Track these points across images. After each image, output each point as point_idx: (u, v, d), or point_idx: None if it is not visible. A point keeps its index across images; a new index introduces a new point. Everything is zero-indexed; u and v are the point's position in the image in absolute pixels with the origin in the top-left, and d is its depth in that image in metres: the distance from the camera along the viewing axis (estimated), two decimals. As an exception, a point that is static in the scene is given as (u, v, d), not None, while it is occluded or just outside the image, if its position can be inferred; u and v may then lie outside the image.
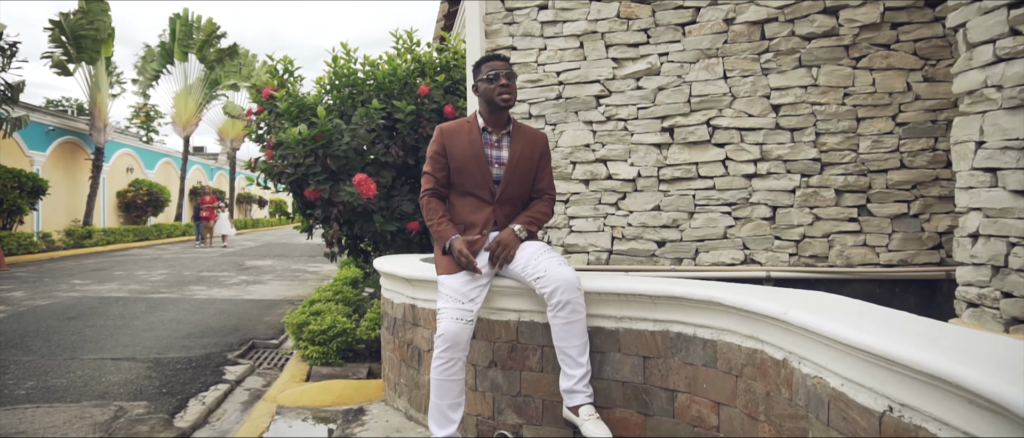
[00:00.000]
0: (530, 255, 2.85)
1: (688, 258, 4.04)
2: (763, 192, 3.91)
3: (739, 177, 3.95)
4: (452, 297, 2.78)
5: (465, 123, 3.06)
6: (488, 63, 2.98)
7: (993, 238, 2.38)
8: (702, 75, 4.00)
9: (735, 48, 3.94)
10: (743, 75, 3.93)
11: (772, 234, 3.91)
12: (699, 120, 4.00)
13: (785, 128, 3.88)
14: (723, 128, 3.97)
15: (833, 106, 3.80)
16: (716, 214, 3.99)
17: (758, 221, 3.93)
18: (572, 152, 4.22)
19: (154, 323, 6.93)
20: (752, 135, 3.92)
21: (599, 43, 4.18)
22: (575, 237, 4.23)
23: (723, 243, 3.98)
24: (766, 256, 3.91)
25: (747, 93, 3.92)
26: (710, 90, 3.99)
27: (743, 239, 3.95)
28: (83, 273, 12.11)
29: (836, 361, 1.80)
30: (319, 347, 4.94)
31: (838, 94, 3.79)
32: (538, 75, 4.30)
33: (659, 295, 2.67)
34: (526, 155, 3.02)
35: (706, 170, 4.00)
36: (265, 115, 5.36)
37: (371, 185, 4.65)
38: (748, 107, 3.93)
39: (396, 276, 3.65)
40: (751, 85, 3.91)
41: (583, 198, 4.21)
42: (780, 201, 3.89)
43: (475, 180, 2.96)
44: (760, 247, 3.92)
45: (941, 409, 1.39)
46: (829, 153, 3.81)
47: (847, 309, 2.01)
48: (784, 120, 3.88)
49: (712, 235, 3.99)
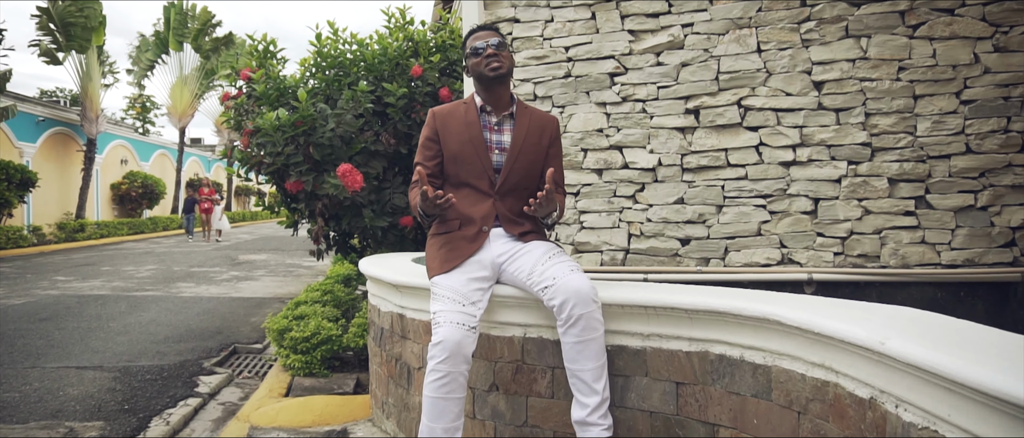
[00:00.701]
0: (537, 259, 2.37)
1: (716, 258, 3.54)
2: (803, 182, 3.41)
3: (775, 165, 3.44)
4: (450, 298, 2.31)
5: (461, 105, 2.60)
6: (473, 36, 2.57)
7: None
8: (732, 48, 3.49)
9: (771, 16, 3.43)
10: (780, 47, 3.42)
11: (814, 230, 3.40)
12: (729, 100, 3.50)
13: (829, 108, 3.37)
14: (757, 109, 3.46)
15: (886, 82, 3.29)
16: (749, 207, 3.49)
17: (797, 215, 3.42)
18: (583, 138, 3.72)
19: (131, 325, 6.46)
20: (790, 117, 3.42)
21: (614, 13, 3.67)
22: (587, 234, 3.73)
23: (757, 241, 3.48)
24: (807, 256, 3.41)
25: (785, 68, 3.41)
26: (742, 65, 3.48)
27: (780, 236, 3.45)
28: (69, 268, 11.65)
29: (968, 415, 1.30)
30: (302, 356, 4.46)
31: (892, 68, 3.28)
32: (544, 51, 3.79)
33: (697, 309, 2.18)
34: (532, 140, 2.55)
35: (737, 157, 3.50)
36: (243, 99, 4.87)
37: (357, 176, 4.15)
38: (786, 84, 3.42)
39: (382, 281, 3.17)
40: (789, 59, 3.40)
41: (596, 190, 3.71)
42: (823, 192, 3.38)
43: (473, 168, 2.49)
44: (800, 245, 3.42)
45: None
46: (881, 137, 3.30)
47: (975, 338, 1.52)
48: (828, 99, 3.37)
49: (744, 231, 3.49)
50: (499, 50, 2.46)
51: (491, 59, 2.44)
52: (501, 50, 2.47)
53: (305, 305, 5.45)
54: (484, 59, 2.44)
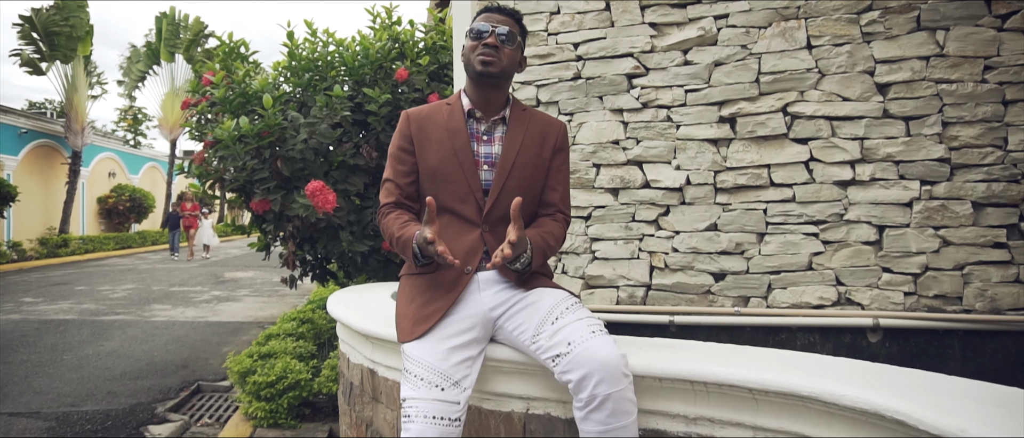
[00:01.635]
0: (545, 314, 1.76)
1: (758, 297, 2.92)
2: (865, 206, 2.80)
3: (830, 185, 2.84)
4: (424, 379, 1.70)
5: (443, 106, 1.99)
6: (482, 15, 1.94)
7: None
8: (776, 44, 2.90)
9: (824, 6, 2.84)
10: (835, 43, 2.83)
11: (879, 265, 2.79)
12: (772, 106, 2.90)
13: (897, 116, 2.77)
14: (806, 117, 2.86)
15: (969, 84, 2.69)
16: (797, 236, 2.88)
17: (858, 246, 2.81)
18: (596, 151, 3.12)
19: (88, 357, 5.82)
20: (848, 126, 2.82)
21: (632, 3, 3.08)
22: (600, 267, 3.12)
23: (807, 276, 2.86)
24: (870, 295, 2.79)
25: (841, 68, 2.82)
26: (788, 65, 2.88)
27: (836, 271, 2.84)
28: (41, 288, 10.99)
29: None
30: (266, 403, 3.83)
31: (976, 67, 2.68)
32: (549, 48, 3.20)
33: (766, 388, 1.58)
34: (530, 150, 1.94)
35: (783, 175, 2.89)
36: (204, 106, 4.27)
37: (330, 196, 3.54)
38: (843, 87, 2.82)
39: (350, 327, 2.55)
40: (847, 57, 2.81)
41: (611, 213, 3.10)
42: (890, 218, 2.78)
43: (456, 188, 1.89)
44: (861, 283, 2.81)
45: None
46: (963, 151, 2.70)
47: None
48: (895, 105, 2.77)
49: (792, 265, 2.88)
50: (504, 44, 1.86)
51: (486, 51, 1.84)
52: (506, 44, 1.86)
53: (276, 339, 4.83)
54: (480, 46, 1.85)
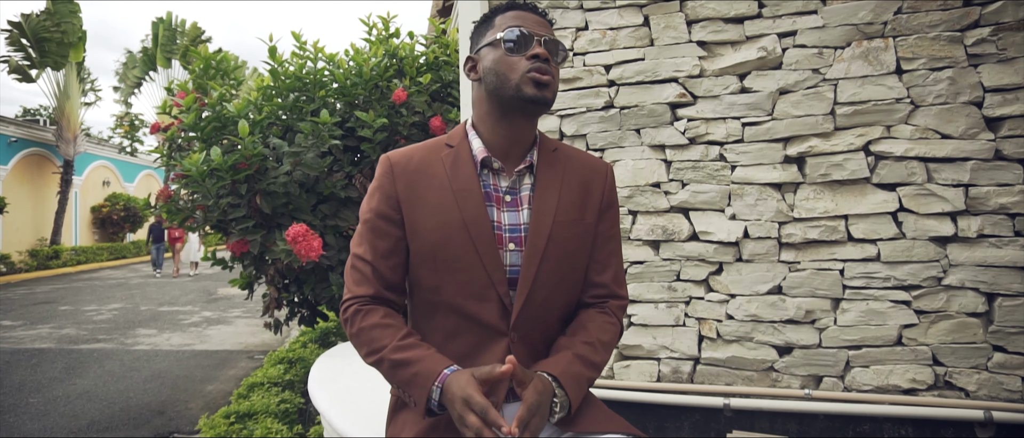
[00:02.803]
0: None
1: (832, 377, 2.38)
2: (970, 268, 2.26)
3: (925, 242, 2.30)
4: None
5: (441, 148, 1.41)
6: (511, 14, 1.35)
7: None
8: (857, 68, 2.36)
9: (918, 20, 2.31)
10: (933, 67, 2.29)
11: (989, 342, 2.25)
12: (851, 144, 2.36)
13: (1012, 158, 2.23)
14: (895, 157, 2.33)
15: (1109, 120, 2.16)
16: (883, 304, 2.34)
17: (961, 318, 2.28)
18: (632, 195, 2.58)
19: (56, 400, 5.29)
20: (949, 169, 2.28)
21: (676, 17, 2.54)
22: (637, 334, 2.58)
23: (896, 353, 2.33)
24: (977, 380, 2.25)
25: (941, 98, 2.28)
26: (871, 93, 2.35)
27: (933, 348, 2.30)
28: (22, 308, 10.45)
29: None
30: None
31: (1118, 99, 2.15)
32: (575, 71, 2.66)
33: None
34: (571, 213, 1.39)
35: (864, 228, 2.36)
36: (174, 131, 3.74)
37: (313, 242, 3.01)
38: (942, 122, 2.29)
39: (329, 422, 2.02)
40: (948, 84, 2.27)
41: (651, 271, 2.57)
42: (1003, 284, 2.24)
43: (467, 279, 1.33)
44: (966, 364, 2.27)
45: None
46: (1100, 203, 2.17)
47: None
48: (1010, 144, 2.23)
49: (876, 339, 2.34)
50: (554, 57, 1.31)
51: (542, 69, 1.28)
52: (556, 58, 1.32)
53: (259, 390, 4.30)
54: (527, 61, 1.28)
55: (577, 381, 1.27)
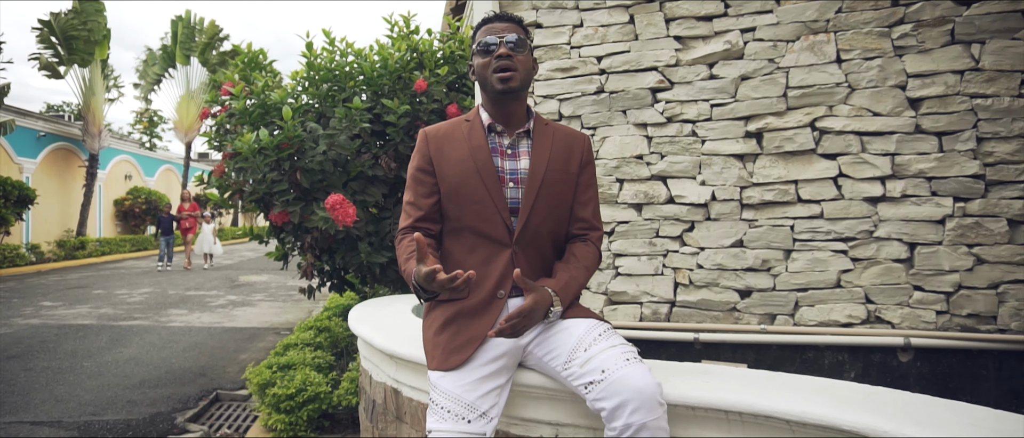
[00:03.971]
0: (577, 341, 1.72)
1: (784, 314, 2.87)
2: (896, 223, 2.75)
3: (859, 201, 2.79)
4: (451, 411, 1.67)
5: (462, 123, 1.93)
6: (485, 26, 1.88)
7: None
8: (805, 58, 2.85)
9: (854, 18, 2.79)
10: (866, 57, 2.77)
11: (910, 283, 2.74)
12: (800, 121, 2.85)
13: (929, 131, 2.71)
14: (835, 132, 2.81)
15: (1005, 99, 2.63)
16: (825, 253, 2.83)
17: (888, 264, 2.76)
18: (619, 166, 3.08)
19: (107, 364, 5.84)
20: (879, 141, 2.76)
21: (657, 16, 3.04)
22: (623, 282, 3.08)
23: (836, 294, 2.81)
24: (900, 314, 2.74)
25: (872, 83, 2.76)
26: (816, 79, 2.83)
27: (865, 289, 2.79)
28: (59, 292, 11.08)
29: None
30: (285, 416, 3.82)
31: (1013, 81, 2.63)
32: (572, 61, 3.16)
33: (805, 421, 1.54)
34: (558, 165, 1.89)
35: (810, 191, 2.84)
36: (223, 117, 4.27)
37: (349, 209, 3.52)
38: (873, 102, 2.77)
39: (373, 346, 2.53)
40: (878, 71, 2.75)
41: (634, 229, 3.06)
42: (922, 236, 2.72)
43: (480, 209, 1.83)
44: (891, 301, 2.75)
45: None
46: (998, 167, 2.64)
47: None
48: (928, 120, 2.71)
49: (820, 282, 2.83)
50: (515, 51, 1.80)
51: (501, 64, 1.79)
52: (518, 51, 1.81)
53: (294, 349, 4.82)
54: (493, 61, 1.79)
55: (569, 293, 1.78)
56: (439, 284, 1.57)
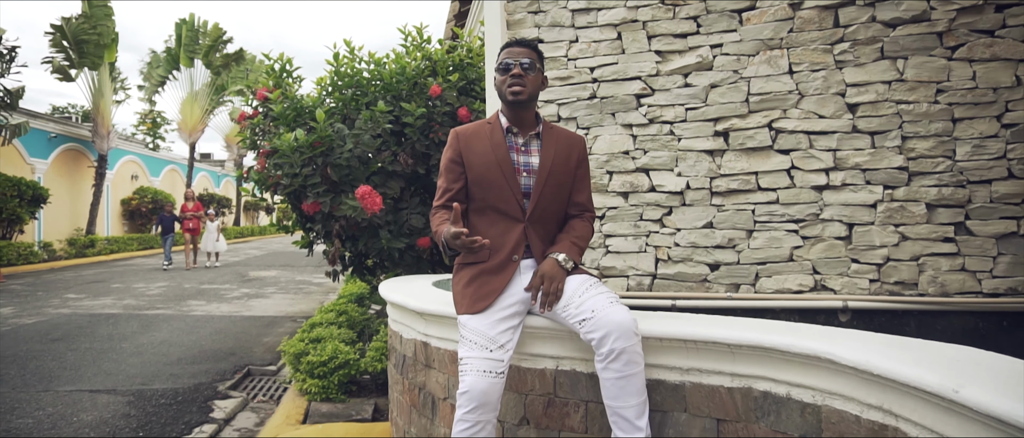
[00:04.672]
0: (574, 290, 2.27)
1: (746, 284, 3.44)
2: (837, 207, 3.32)
3: (808, 189, 3.36)
4: (477, 343, 2.21)
5: (485, 125, 2.49)
6: (506, 50, 2.44)
7: None
8: (763, 70, 3.41)
9: (803, 37, 3.36)
10: (813, 69, 3.34)
11: (848, 256, 3.31)
12: (759, 122, 3.42)
13: (864, 131, 3.28)
14: (788, 131, 3.38)
15: (923, 105, 3.20)
16: (780, 232, 3.39)
17: (831, 241, 3.33)
18: (608, 160, 3.65)
19: (144, 345, 6.39)
20: (823, 139, 3.33)
21: (640, 33, 3.60)
22: (612, 258, 3.64)
23: (789, 266, 3.38)
24: (841, 282, 3.31)
25: (818, 90, 3.33)
26: (773, 87, 3.40)
27: (813, 262, 3.35)
28: (80, 286, 11.61)
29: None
30: (319, 380, 4.37)
31: (930, 90, 3.20)
32: (568, 71, 3.72)
33: (740, 343, 2.08)
34: (561, 161, 2.45)
35: (768, 181, 3.41)
36: (259, 119, 4.82)
37: (376, 199, 4.08)
38: (819, 107, 3.34)
39: (406, 308, 3.08)
40: (823, 81, 3.32)
41: (622, 213, 3.63)
42: (858, 217, 3.29)
43: (500, 192, 2.38)
44: (834, 272, 3.32)
45: None
46: (918, 160, 3.21)
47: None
48: (863, 122, 3.28)
49: (775, 257, 3.40)
50: (526, 72, 2.36)
51: (514, 82, 2.35)
52: (528, 72, 2.37)
53: (320, 327, 5.38)
54: (509, 79, 2.36)
55: (577, 251, 2.34)
56: (461, 243, 2.15)
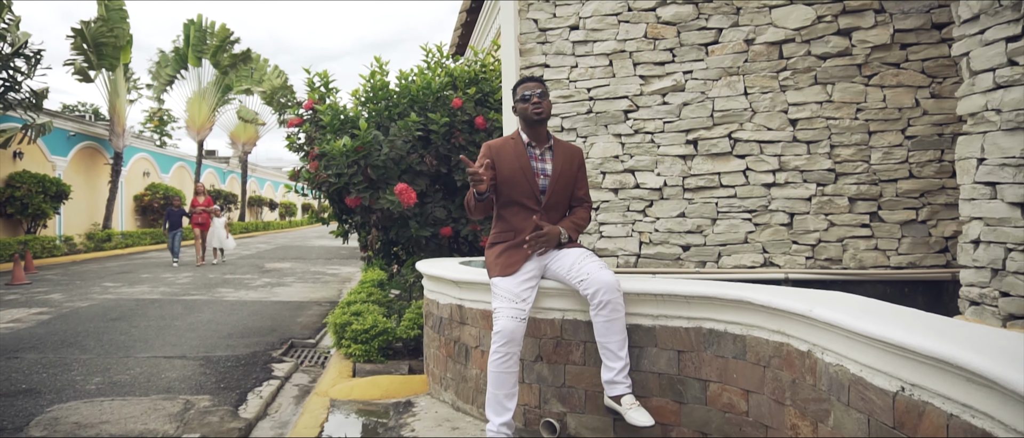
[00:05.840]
0: (574, 260, 3.16)
1: (711, 261, 4.35)
2: (781, 200, 4.22)
3: (759, 186, 4.26)
4: (506, 298, 3.10)
5: (510, 140, 3.36)
6: (523, 85, 3.30)
7: (992, 244, 2.69)
8: (724, 91, 4.31)
9: (755, 66, 4.26)
10: (762, 91, 4.24)
11: (790, 239, 4.21)
12: (721, 133, 4.31)
13: (802, 141, 4.19)
14: (744, 141, 4.28)
15: (846, 120, 4.11)
16: (737, 220, 4.30)
17: (777, 227, 4.23)
18: (602, 163, 4.54)
19: (194, 323, 7.26)
20: (771, 147, 4.23)
21: (627, 61, 4.50)
22: (605, 242, 4.54)
23: (744, 247, 4.29)
24: (784, 259, 4.21)
25: (766, 108, 4.23)
26: (731, 105, 4.30)
27: (763, 244, 4.26)
28: (110, 276, 12.46)
29: (856, 350, 2.11)
30: (362, 345, 5.26)
31: (851, 109, 4.10)
32: (570, 91, 4.62)
33: (693, 295, 2.99)
34: (568, 167, 3.33)
35: (728, 180, 4.31)
36: (307, 126, 5.70)
37: (411, 194, 4.97)
38: (767, 121, 4.24)
39: (443, 278, 3.97)
40: (770, 101, 4.22)
41: (613, 206, 4.52)
42: (797, 208, 4.20)
43: (523, 190, 3.25)
44: (778, 251, 4.23)
45: (945, 386, 1.71)
46: (843, 164, 4.12)
47: (865, 306, 2.33)
48: (801, 133, 4.18)
49: (734, 240, 4.30)
50: (542, 99, 3.25)
51: (536, 106, 3.23)
52: (544, 98, 3.26)
53: (357, 304, 6.26)
54: (531, 105, 3.24)
55: (574, 229, 3.24)
56: (471, 172, 2.97)
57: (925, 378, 1.79)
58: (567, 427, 3.28)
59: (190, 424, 3.85)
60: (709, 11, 4.33)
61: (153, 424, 3.84)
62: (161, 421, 3.89)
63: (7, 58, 14.28)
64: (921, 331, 1.88)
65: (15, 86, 14.71)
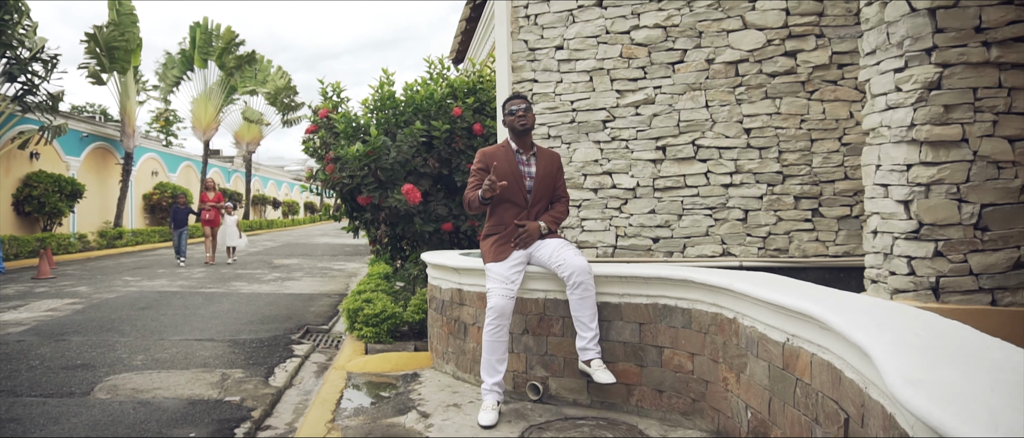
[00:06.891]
0: (554, 248, 3.81)
1: (677, 252, 5.01)
2: (737, 198, 4.88)
3: (718, 186, 4.91)
4: (498, 280, 3.75)
5: (501, 147, 4.01)
6: (510, 101, 3.95)
7: (884, 234, 3.35)
8: (688, 104, 4.97)
9: (715, 82, 4.91)
10: (721, 104, 4.90)
11: (744, 232, 4.87)
12: (686, 140, 4.97)
13: (754, 147, 4.84)
14: (705, 147, 4.94)
15: (792, 130, 4.77)
16: (700, 216, 4.95)
17: (733, 222, 4.89)
18: (583, 166, 5.20)
19: (216, 312, 7.93)
20: (728, 152, 4.89)
21: (605, 78, 5.15)
22: (586, 235, 5.21)
23: (705, 240, 4.95)
24: (739, 250, 4.87)
25: (724, 119, 4.89)
26: (695, 116, 4.95)
27: (721, 236, 4.92)
28: (129, 271, 13.11)
29: (762, 314, 2.77)
30: (373, 328, 5.92)
31: (796, 120, 4.76)
32: (556, 103, 5.27)
33: (650, 277, 3.64)
34: (549, 170, 3.98)
35: (692, 181, 4.97)
36: (322, 133, 6.36)
37: (417, 193, 5.63)
38: (725, 130, 4.89)
39: (446, 266, 4.63)
40: (727, 113, 4.88)
41: (593, 203, 5.18)
42: (751, 205, 4.86)
43: (512, 190, 3.90)
44: (735, 243, 4.89)
45: (810, 333, 2.37)
46: (789, 167, 4.78)
47: (771, 281, 2.99)
48: (754, 140, 4.84)
49: (696, 233, 4.96)
50: (526, 113, 3.91)
51: (521, 119, 3.89)
52: (528, 113, 3.91)
53: (367, 292, 6.93)
54: (517, 118, 3.89)
55: (554, 221, 3.90)
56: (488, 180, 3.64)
57: (800, 329, 2.46)
58: (549, 388, 3.93)
59: (230, 390, 4.52)
60: (676, 34, 4.99)
61: (198, 390, 4.50)
62: (205, 388, 4.56)
63: (25, 63, 14.93)
64: (802, 297, 2.54)
65: (33, 89, 15.37)
